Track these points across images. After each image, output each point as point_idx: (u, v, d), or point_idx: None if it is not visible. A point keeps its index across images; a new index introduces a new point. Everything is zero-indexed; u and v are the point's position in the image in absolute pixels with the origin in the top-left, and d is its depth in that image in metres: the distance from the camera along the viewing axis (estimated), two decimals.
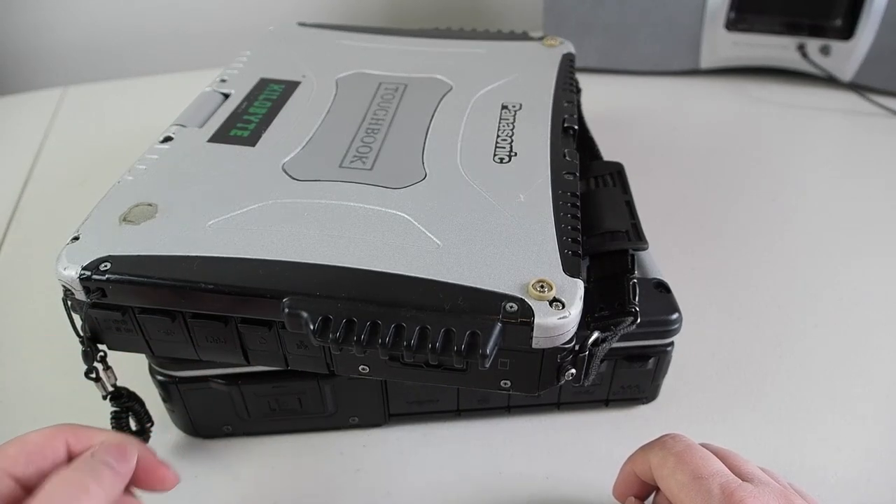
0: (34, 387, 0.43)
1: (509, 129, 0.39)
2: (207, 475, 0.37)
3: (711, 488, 0.27)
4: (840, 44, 0.68)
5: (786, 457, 0.38)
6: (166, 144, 0.38)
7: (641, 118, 0.69)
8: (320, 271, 0.29)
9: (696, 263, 0.51)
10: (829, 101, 0.70)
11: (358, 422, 0.39)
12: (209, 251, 0.30)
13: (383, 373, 0.31)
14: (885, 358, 0.43)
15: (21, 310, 0.49)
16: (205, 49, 0.88)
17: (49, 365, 0.44)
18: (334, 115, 0.42)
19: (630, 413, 0.40)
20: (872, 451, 0.38)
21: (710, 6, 0.69)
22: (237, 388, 0.36)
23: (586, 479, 0.37)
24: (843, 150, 0.64)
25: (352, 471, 0.38)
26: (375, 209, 0.33)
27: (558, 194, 0.34)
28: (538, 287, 0.28)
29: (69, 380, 0.36)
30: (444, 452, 0.39)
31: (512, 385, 0.31)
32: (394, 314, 0.27)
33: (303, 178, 0.35)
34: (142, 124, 0.66)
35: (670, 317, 0.36)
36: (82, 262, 0.29)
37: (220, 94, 0.44)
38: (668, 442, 0.30)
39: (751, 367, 0.43)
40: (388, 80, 0.46)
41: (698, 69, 0.74)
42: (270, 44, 0.51)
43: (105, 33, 0.86)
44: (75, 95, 0.77)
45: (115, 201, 0.33)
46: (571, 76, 0.46)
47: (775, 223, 0.55)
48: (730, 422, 0.40)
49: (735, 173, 0.61)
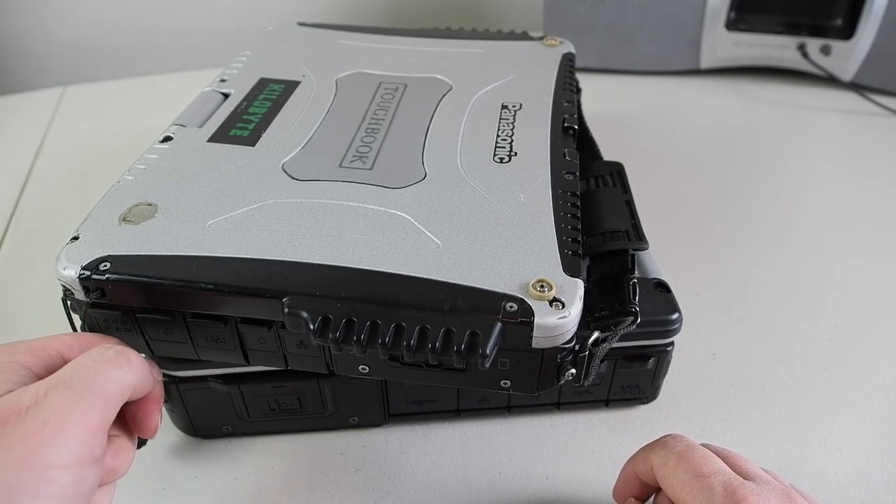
0: None
1: (509, 129, 0.39)
2: (207, 475, 0.37)
3: (713, 486, 0.27)
4: (840, 43, 0.68)
5: (786, 457, 0.38)
6: (166, 144, 0.38)
7: (641, 118, 0.69)
8: (320, 271, 0.29)
9: (696, 263, 0.51)
10: (829, 101, 0.70)
11: (358, 422, 0.39)
12: (209, 251, 0.30)
13: (383, 373, 0.31)
14: (886, 358, 0.43)
15: (21, 310, 0.49)
16: (205, 49, 0.88)
17: None
18: (334, 114, 0.42)
19: (630, 413, 0.40)
20: (873, 451, 0.38)
21: (711, 6, 0.69)
22: (237, 388, 0.36)
23: (586, 479, 0.37)
24: (844, 150, 0.64)
25: (352, 471, 0.38)
26: (375, 209, 0.33)
27: (558, 194, 0.34)
28: (538, 287, 0.28)
29: None
30: (444, 452, 0.38)
31: (512, 385, 0.31)
32: (394, 314, 0.27)
33: (303, 178, 0.35)
34: (142, 124, 0.67)
35: (670, 317, 0.36)
36: (82, 262, 0.29)
37: (220, 94, 0.44)
38: (670, 442, 0.30)
39: (751, 368, 0.43)
40: (388, 79, 0.46)
41: (698, 69, 0.74)
42: (270, 44, 0.51)
43: (105, 33, 0.86)
44: (75, 95, 0.77)
45: (115, 201, 0.33)
46: (571, 76, 0.46)
47: (775, 223, 0.55)
48: (730, 422, 0.40)
49: (735, 173, 0.60)
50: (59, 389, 0.24)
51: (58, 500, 0.22)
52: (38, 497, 0.22)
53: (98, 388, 0.24)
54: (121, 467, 0.28)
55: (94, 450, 0.24)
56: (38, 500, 0.22)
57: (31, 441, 0.22)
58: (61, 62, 0.87)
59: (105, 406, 0.25)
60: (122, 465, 0.28)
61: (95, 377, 0.25)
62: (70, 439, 0.23)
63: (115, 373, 0.26)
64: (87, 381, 0.24)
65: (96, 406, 0.24)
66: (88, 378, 0.25)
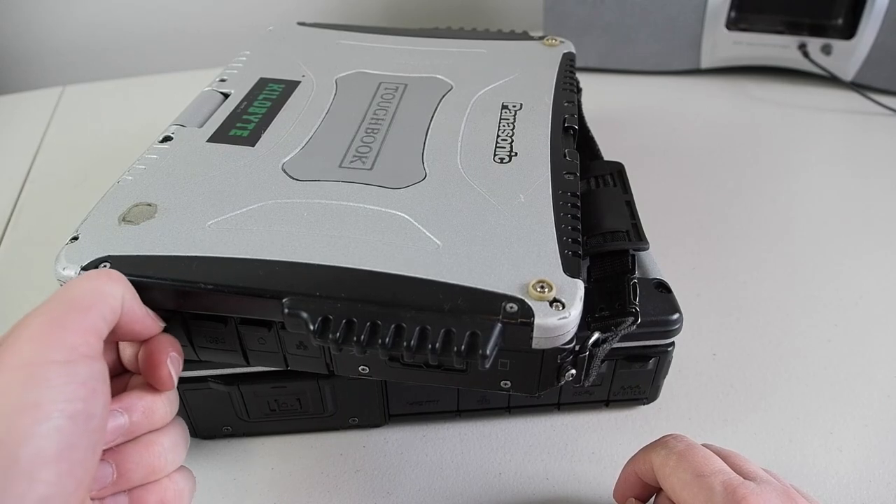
0: None
1: (509, 129, 0.39)
2: (207, 476, 0.37)
3: (714, 485, 0.27)
4: (841, 43, 0.68)
5: (786, 457, 0.38)
6: (166, 144, 0.38)
7: (641, 118, 0.69)
8: (320, 271, 0.29)
9: (696, 263, 0.50)
10: (830, 101, 0.70)
11: (358, 422, 0.39)
12: (209, 251, 0.30)
13: (383, 373, 0.31)
14: (886, 358, 0.43)
15: (21, 310, 0.48)
16: (205, 49, 0.88)
17: None
18: (334, 114, 0.42)
19: (630, 413, 0.40)
20: (873, 451, 0.38)
21: (711, 5, 0.69)
22: (237, 389, 0.36)
23: (586, 480, 0.37)
24: (845, 149, 0.64)
25: (352, 471, 0.38)
26: (375, 209, 0.33)
27: (558, 194, 0.34)
28: (538, 287, 0.28)
29: None
30: (444, 452, 0.38)
31: (512, 385, 0.30)
32: (394, 314, 0.27)
33: (302, 178, 0.35)
34: (141, 124, 0.67)
35: (671, 317, 0.36)
36: (81, 263, 0.29)
37: (220, 94, 0.44)
38: (670, 442, 0.30)
39: (751, 368, 0.43)
40: (388, 79, 0.46)
41: (699, 69, 0.74)
42: (270, 43, 0.51)
43: (105, 33, 0.86)
44: (74, 95, 0.77)
45: (115, 201, 0.33)
46: (572, 76, 0.46)
47: (775, 223, 0.55)
48: (730, 422, 0.40)
49: (735, 173, 0.60)
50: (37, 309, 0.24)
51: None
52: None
53: (75, 301, 0.25)
54: (150, 415, 0.27)
55: (80, 348, 0.23)
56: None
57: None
58: (61, 62, 0.87)
59: (84, 313, 0.24)
60: (151, 411, 0.27)
61: (70, 292, 0.25)
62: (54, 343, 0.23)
63: (89, 284, 0.25)
64: (62, 295, 0.25)
65: (72, 314, 0.24)
66: (63, 293, 0.25)
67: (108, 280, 0.26)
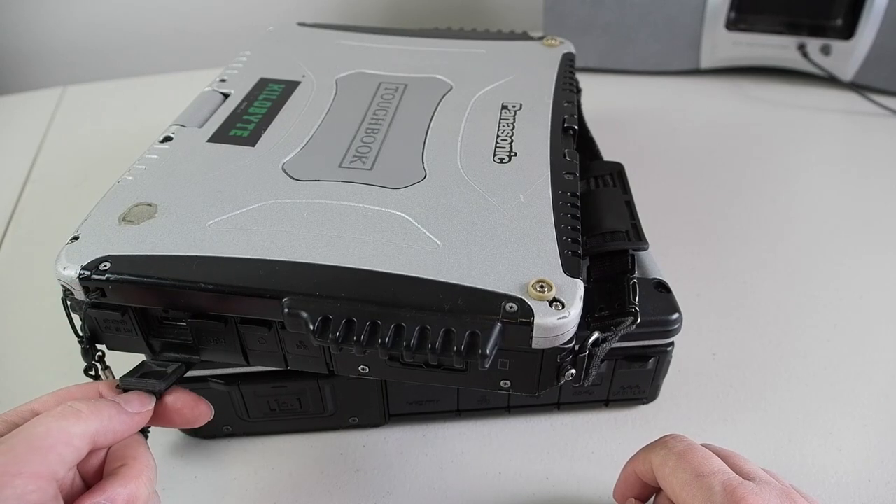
0: (34, 386, 0.43)
1: (509, 129, 0.39)
2: (207, 476, 0.37)
3: (713, 486, 0.27)
4: (841, 43, 0.68)
5: (786, 457, 0.38)
6: (166, 144, 0.38)
7: (641, 118, 0.69)
8: (320, 271, 0.29)
9: (696, 263, 0.51)
10: (829, 101, 0.70)
11: (358, 422, 0.39)
12: (209, 251, 0.30)
13: (383, 373, 0.31)
14: (886, 357, 0.43)
15: (20, 310, 0.49)
16: (205, 49, 0.88)
17: (48, 364, 0.44)
18: (334, 115, 0.42)
19: (630, 413, 0.40)
20: (873, 451, 0.38)
21: (711, 6, 0.69)
22: (237, 389, 0.36)
23: (586, 479, 0.37)
24: (844, 149, 0.64)
25: (352, 471, 0.38)
26: (375, 209, 0.33)
27: (558, 194, 0.34)
28: (538, 287, 0.28)
29: (68, 379, 0.36)
30: (444, 452, 0.38)
31: (512, 385, 0.31)
32: (394, 314, 0.27)
33: (303, 178, 0.35)
34: (141, 124, 0.67)
35: (670, 317, 0.36)
36: (82, 262, 0.29)
37: (220, 94, 0.44)
38: (670, 442, 0.30)
39: (751, 368, 0.43)
40: (388, 80, 0.46)
41: (698, 69, 0.74)
42: (270, 44, 0.51)
43: (105, 33, 0.86)
44: (75, 95, 0.77)
45: (115, 201, 0.33)
46: (571, 76, 0.46)
47: (775, 223, 0.55)
48: (730, 422, 0.40)
49: (735, 173, 0.60)
50: None
51: None
52: None
53: (35, 441, 0.25)
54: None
55: (30, 496, 0.24)
56: None
57: None
58: (61, 62, 0.87)
59: (43, 456, 0.25)
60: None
61: (33, 430, 0.25)
62: (6, 488, 0.23)
63: (55, 424, 0.26)
64: (25, 434, 0.25)
65: (30, 456, 0.24)
66: (27, 431, 0.25)
67: (75, 420, 0.26)
